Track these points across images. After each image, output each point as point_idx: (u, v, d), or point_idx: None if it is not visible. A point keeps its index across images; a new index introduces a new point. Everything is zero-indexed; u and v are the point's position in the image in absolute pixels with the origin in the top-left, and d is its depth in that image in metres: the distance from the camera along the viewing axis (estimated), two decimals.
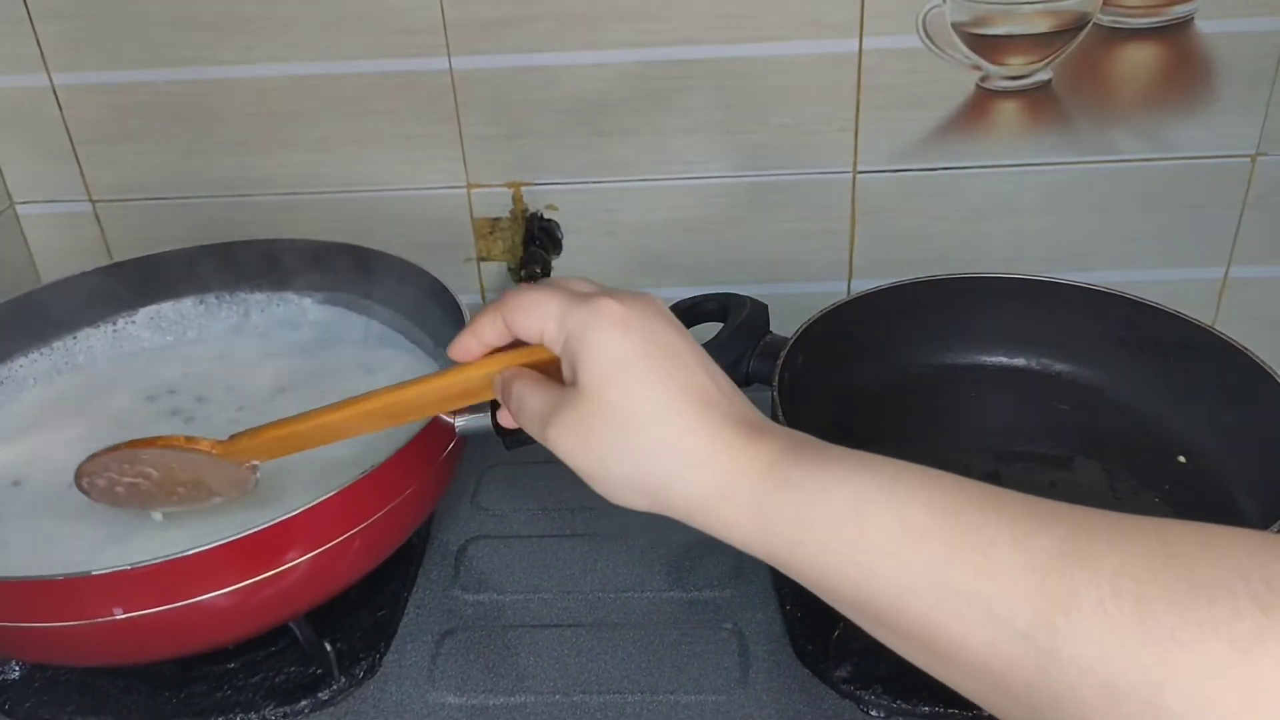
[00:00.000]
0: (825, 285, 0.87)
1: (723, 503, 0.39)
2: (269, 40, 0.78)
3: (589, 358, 0.40)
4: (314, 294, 0.80)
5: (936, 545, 0.35)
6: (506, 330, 0.45)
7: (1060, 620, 0.32)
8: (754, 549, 0.39)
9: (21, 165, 0.85)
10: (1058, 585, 0.32)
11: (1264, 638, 0.29)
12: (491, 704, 0.61)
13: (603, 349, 0.40)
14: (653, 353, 0.40)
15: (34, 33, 0.79)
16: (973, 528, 0.35)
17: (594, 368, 0.40)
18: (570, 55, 0.78)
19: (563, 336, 0.42)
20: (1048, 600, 0.32)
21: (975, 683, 0.35)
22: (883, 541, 0.36)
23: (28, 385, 0.75)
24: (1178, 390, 0.71)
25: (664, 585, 0.68)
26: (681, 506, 0.40)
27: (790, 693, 0.60)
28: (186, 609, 0.52)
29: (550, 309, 0.42)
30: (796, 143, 0.81)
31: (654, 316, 0.41)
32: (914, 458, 0.66)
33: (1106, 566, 0.32)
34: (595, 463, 0.41)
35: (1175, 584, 0.30)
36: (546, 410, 0.42)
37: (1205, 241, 0.84)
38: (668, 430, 0.40)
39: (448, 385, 0.49)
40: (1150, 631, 0.30)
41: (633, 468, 0.40)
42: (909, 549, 0.35)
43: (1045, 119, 0.80)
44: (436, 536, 0.73)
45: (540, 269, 0.82)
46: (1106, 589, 0.31)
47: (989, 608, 0.33)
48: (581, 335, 0.41)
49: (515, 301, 0.44)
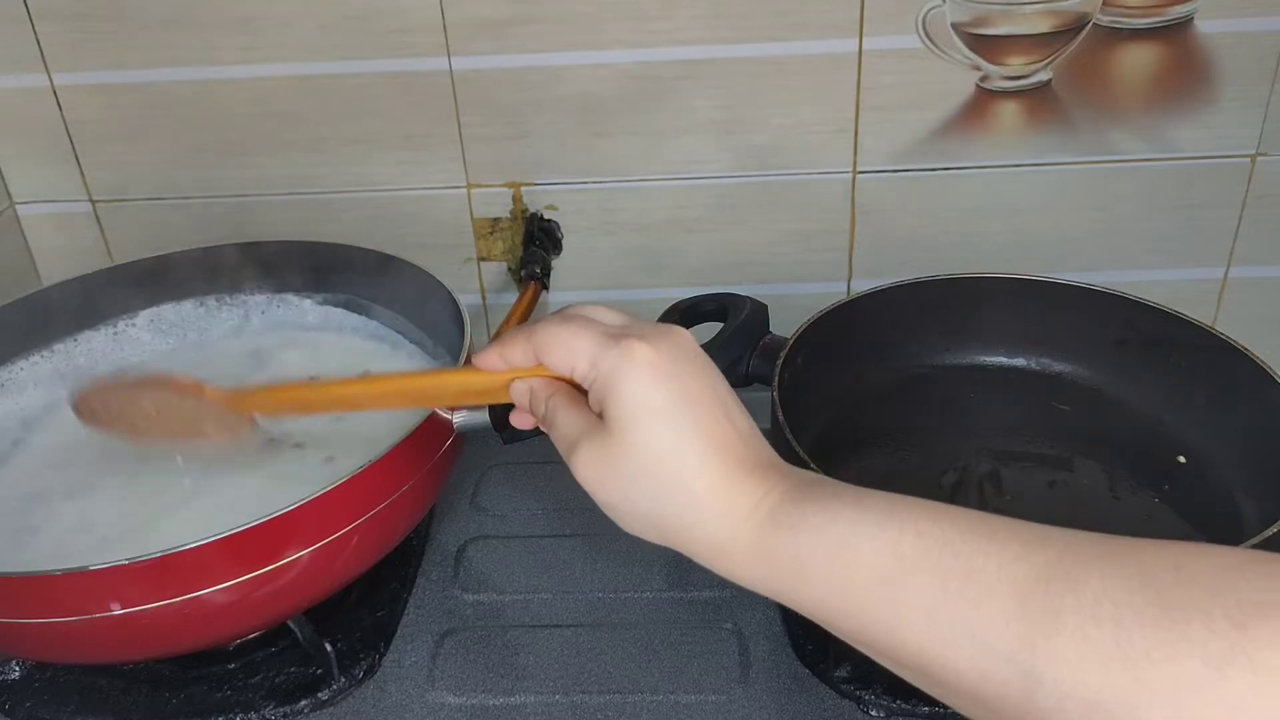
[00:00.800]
0: (825, 285, 0.87)
1: (729, 544, 0.41)
2: (269, 40, 0.78)
3: (618, 400, 0.42)
4: (314, 295, 0.80)
5: (927, 575, 0.36)
6: (535, 361, 0.46)
7: (1042, 644, 0.32)
8: (759, 589, 0.41)
9: (21, 165, 0.85)
10: (1041, 609, 0.33)
11: (1237, 654, 0.29)
12: (491, 704, 0.61)
13: (632, 395, 0.41)
14: (678, 399, 0.41)
15: (34, 33, 0.79)
16: (961, 555, 0.35)
17: (623, 410, 0.41)
18: (570, 55, 0.78)
19: (593, 375, 0.43)
20: (1031, 625, 0.33)
21: (973, 707, 0.36)
22: (874, 575, 0.37)
23: (28, 388, 0.75)
24: (1178, 390, 0.71)
25: (664, 585, 0.68)
26: (692, 548, 0.42)
27: (790, 693, 0.60)
28: (184, 604, 0.52)
29: (582, 346, 0.43)
30: (796, 143, 0.81)
31: (683, 359, 0.43)
32: (914, 458, 0.66)
33: (1089, 590, 0.32)
34: (616, 496, 0.42)
35: (1151, 605, 0.31)
36: (575, 436, 0.43)
37: (1205, 241, 0.84)
38: (684, 475, 0.41)
39: (468, 382, 0.50)
40: (1127, 654, 0.31)
41: (649, 505, 0.42)
42: (900, 580, 0.36)
43: (1045, 119, 0.80)
44: (436, 536, 0.73)
45: (540, 269, 0.82)
46: (1088, 612, 0.32)
47: (976, 634, 0.34)
48: (611, 377, 0.42)
49: (547, 334, 0.45)
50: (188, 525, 0.57)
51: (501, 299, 0.89)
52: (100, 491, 0.65)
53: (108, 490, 0.65)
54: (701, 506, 0.41)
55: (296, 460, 0.65)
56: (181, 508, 0.62)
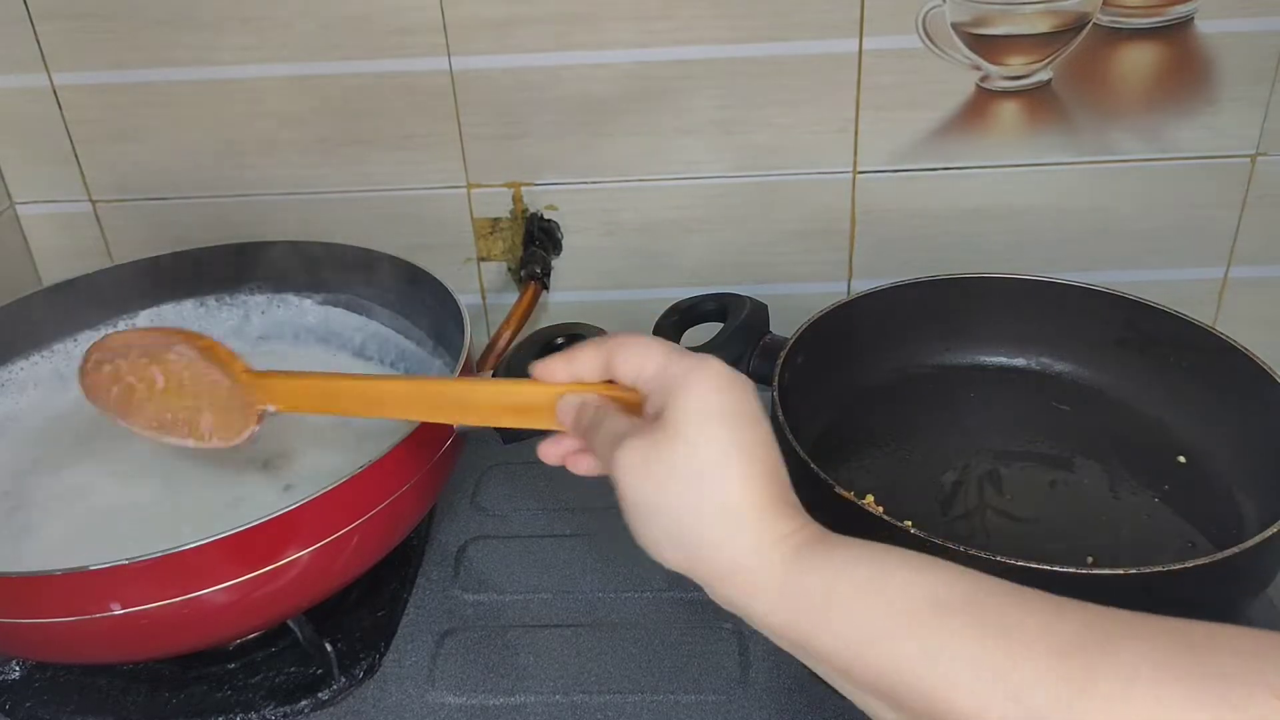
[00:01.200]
0: (825, 285, 0.87)
1: (754, 568, 0.40)
2: (269, 40, 0.78)
3: (683, 397, 0.42)
4: (314, 295, 0.80)
5: (961, 621, 0.36)
6: (604, 367, 0.46)
7: (1077, 704, 0.32)
8: (774, 624, 0.40)
9: (21, 165, 0.85)
10: (1077, 669, 0.33)
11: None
12: (491, 704, 0.61)
13: (698, 397, 0.42)
14: (738, 414, 0.42)
15: (34, 33, 0.79)
16: (995, 609, 0.36)
17: (685, 406, 0.42)
18: (570, 55, 0.78)
19: (662, 378, 0.43)
20: (1066, 683, 0.33)
21: None
22: (907, 613, 0.37)
23: (28, 388, 0.75)
24: (1178, 390, 0.71)
25: (664, 585, 0.68)
26: (712, 568, 0.41)
27: (790, 693, 0.60)
28: (185, 604, 0.52)
29: (656, 351, 0.44)
30: (796, 143, 0.81)
31: (746, 387, 0.43)
32: (914, 458, 0.66)
33: (1126, 653, 0.33)
34: (648, 492, 0.42)
35: (1190, 672, 0.31)
36: (623, 431, 0.43)
37: (1205, 241, 0.84)
38: (728, 485, 0.41)
39: (508, 393, 0.49)
40: (1160, 718, 0.31)
41: (679, 509, 0.41)
42: (933, 622, 0.36)
43: (1045, 119, 0.80)
44: (436, 537, 0.73)
45: (540, 269, 0.82)
46: (1125, 674, 0.32)
47: (1008, 686, 0.34)
48: (683, 378, 0.42)
49: (623, 339, 0.45)
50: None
51: (501, 299, 0.89)
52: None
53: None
54: (734, 522, 0.40)
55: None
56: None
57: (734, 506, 0.41)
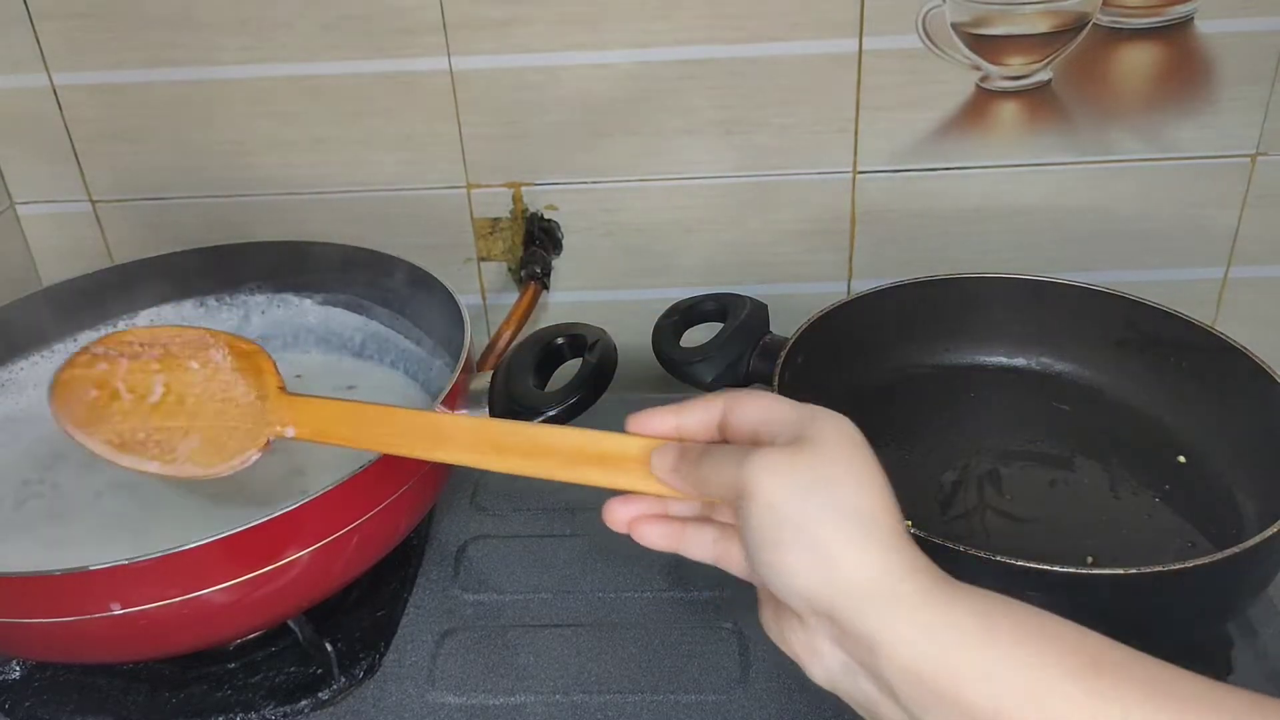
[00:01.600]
0: (825, 285, 0.87)
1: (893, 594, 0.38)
2: (269, 40, 0.78)
3: (822, 422, 0.41)
4: (314, 295, 0.80)
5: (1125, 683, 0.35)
6: (718, 416, 0.44)
7: None
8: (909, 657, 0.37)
9: (21, 165, 0.85)
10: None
11: None
12: (491, 704, 0.61)
13: (836, 425, 0.41)
14: (870, 449, 0.41)
15: (34, 33, 0.79)
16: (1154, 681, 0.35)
17: (824, 427, 0.41)
18: (570, 55, 0.78)
19: (795, 414, 0.42)
20: None
21: None
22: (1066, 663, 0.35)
23: (28, 388, 0.75)
24: (1178, 390, 0.71)
25: (664, 585, 0.68)
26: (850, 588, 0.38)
27: (790, 693, 0.60)
28: (185, 604, 0.52)
29: (782, 401, 0.43)
30: (796, 143, 0.81)
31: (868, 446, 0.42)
32: (914, 457, 0.66)
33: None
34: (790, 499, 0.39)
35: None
36: (749, 450, 0.41)
37: (1205, 241, 0.84)
38: (872, 499, 0.39)
39: (595, 441, 0.45)
40: None
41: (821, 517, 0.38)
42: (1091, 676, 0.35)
43: (1045, 119, 0.80)
44: (436, 536, 0.73)
45: (540, 269, 0.82)
46: None
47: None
48: (817, 411, 0.42)
49: (738, 393, 0.44)
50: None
51: (501, 299, 0.89)
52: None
53: None
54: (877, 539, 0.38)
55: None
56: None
57: (878, 522, 0.39)
